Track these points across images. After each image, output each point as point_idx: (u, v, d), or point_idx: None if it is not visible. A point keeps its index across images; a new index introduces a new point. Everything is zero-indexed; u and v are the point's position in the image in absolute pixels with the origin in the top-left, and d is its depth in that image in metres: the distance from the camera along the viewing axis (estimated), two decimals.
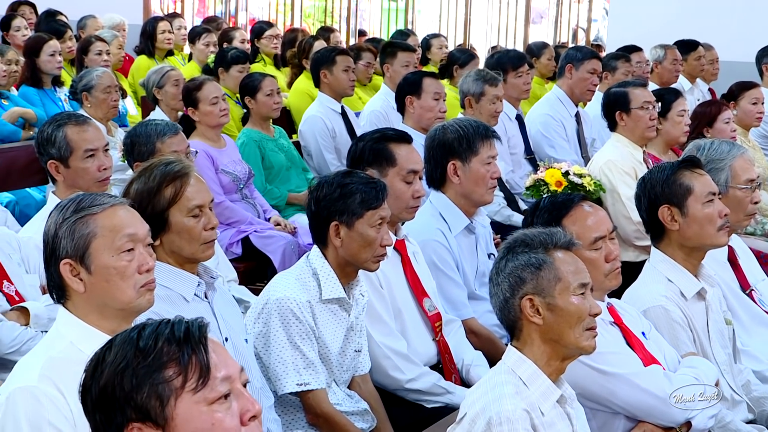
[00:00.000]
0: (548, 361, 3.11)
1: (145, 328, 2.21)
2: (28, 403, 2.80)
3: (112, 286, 3.00)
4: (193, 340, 2.18)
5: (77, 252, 2.99)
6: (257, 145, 7.19)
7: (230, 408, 2.20)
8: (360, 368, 4.24)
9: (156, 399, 2.14)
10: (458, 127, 4.99)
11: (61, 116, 4.91)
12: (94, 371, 2.19)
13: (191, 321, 2.22)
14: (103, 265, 2.99)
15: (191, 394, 2.16)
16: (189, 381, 2.16)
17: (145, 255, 3.05)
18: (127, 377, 2.14)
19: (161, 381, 2.14)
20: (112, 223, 3.01)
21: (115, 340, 2.22)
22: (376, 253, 4.03)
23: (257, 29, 11.52)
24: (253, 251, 6.49)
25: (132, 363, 2.15)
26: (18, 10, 11.46)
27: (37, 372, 2.86)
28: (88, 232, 2.99)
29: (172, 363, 2.16)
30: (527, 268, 3.11)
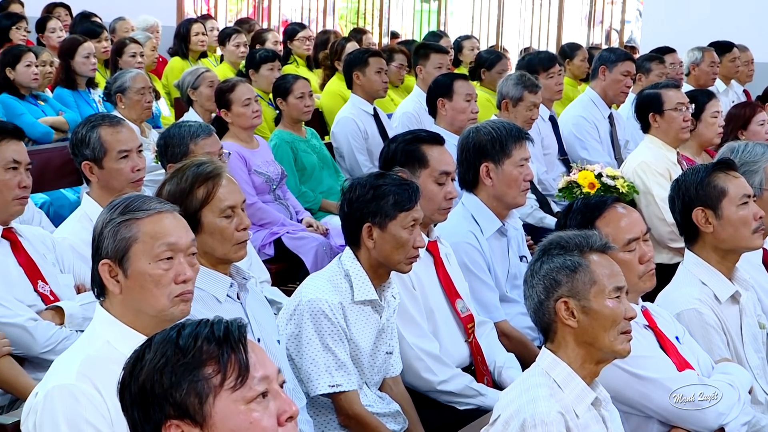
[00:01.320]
0: (582, 363, 3.09)
1: (185, 328, 2.21)
2: (66, 401, 2.81)
3: (146, 292, 3.01)
4: (233, 340, 2.19)
5: (117, 254, 3.01)
6: (290, 146, 7.20)
7: (267, 408, 2.20)
8: (391, 370, 4.24)
9: (195, 396, 2.15)
10: (491, 128, 4.98)
11: (95, 117, 4.93)
12: (133, 368, 2.20)
13: (231, 321, 2.23)
14: (139, 270, 3.00)
15: (230, 393, 2.17)
16: (228, 379, 2.16)
17: (183, 265, 3.04)
18: (167, 374, 2.15)
19: (200, 378, 2.15)
20: (154, 229, 3.01)
21: (154, 339, 2.23)
22: (408, 255, 4.03)
23: (290, 31, 11.55)
24: (286, 252, 6.50)
25: (171, 360, 2.16)
26: (53, 12, 11.54)
27: (75, 370, 2.87)
28: (129, 236, 3.00)
29: (212, 361, 2.16)
30: (562, 270, 3.10)
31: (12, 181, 4.20)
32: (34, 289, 4.22)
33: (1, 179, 4.18)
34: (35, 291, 4.22)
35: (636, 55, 10.03)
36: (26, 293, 4.19)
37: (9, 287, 4.13)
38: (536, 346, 4.73)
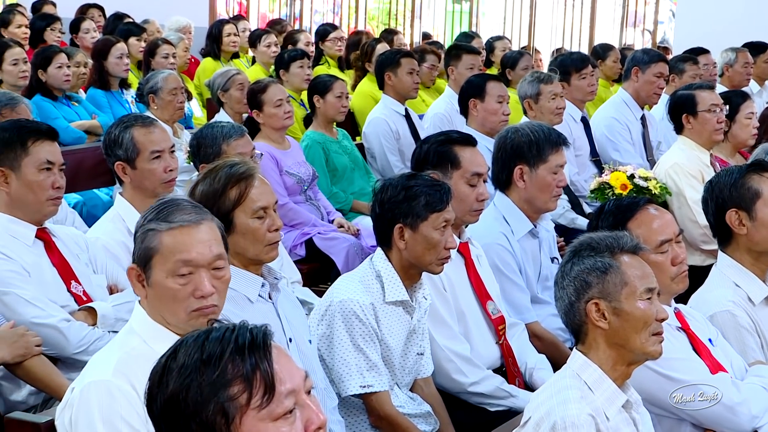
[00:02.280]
0: (614, 365, 3.08)
1: (210, 336, 2.18)
2: (101, 397, 2.83)
3: (164, 304, 3.03)
4: (258, 353, 2.15)
5: (141, 261, 3.04)
6: (321, 147, 7.21)
7: (294, 423, 2.16)
8: (422, 371, 4.24)
9: (221, 416, 2.12)
10: (530, 131, 4.96)
11: (128, 118, 4.95)
12: (159, 380, 2.18)
13: (255, 331, 2.19)
14: (157, 282, 3.03)
15: (256, 411, 2.13)
16: (254, 398, 2.13)
17: (203, 281, 3.03)
18: (192, 392, 2.12)
19: (227, 399, 2.12)
20: (173, 243, 3.02)
21: (179, 347, 2.20)
22: (440, 256, 4.03)
23: (321, 31, 11.57)
24: (317, 253, 6.51)
25: (197, 377, 2.13)
26: (87, 13, 11.61)
27: (111, 367, 2.89)
28: (152, 246, 3.02)
29: (238, 380, 2.12)
30: (593, 272, 3.09)
31: (46, 182, 4.22)
32: (67, 289, 4.24)
33: (35, 180, 4.21)
34: (68, 291, 4.24)
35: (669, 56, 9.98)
36: (59, 294, 4.21)
37: (43, 287, 4.16)
38: (568, 347, 4.72)
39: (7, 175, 4.21)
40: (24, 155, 4.20)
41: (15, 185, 4.21)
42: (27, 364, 3.90)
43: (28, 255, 4.19)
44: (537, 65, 12.67)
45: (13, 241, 4.18)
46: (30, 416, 3.40)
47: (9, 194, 4.22)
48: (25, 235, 4.22)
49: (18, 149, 4.20)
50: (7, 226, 4.20)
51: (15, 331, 3.91)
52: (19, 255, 4.16)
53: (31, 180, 4.20)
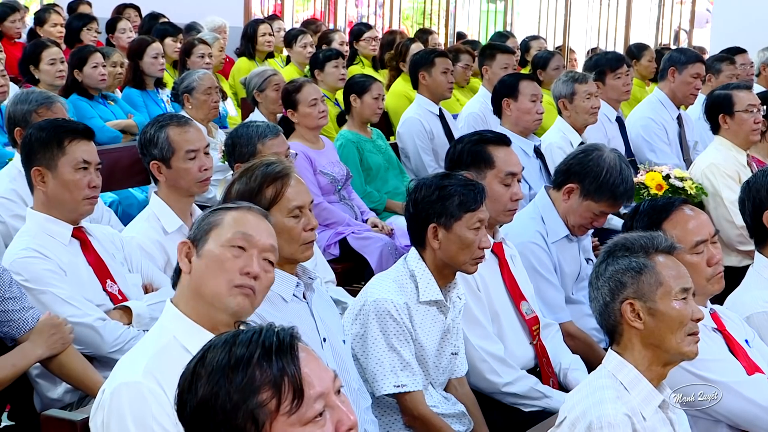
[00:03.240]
0: (649, 366, 3.07)
1: (237, 340, 2.18)
2: (132, 399, 2.84)
3: (209, 273, 3.04)
4: (285, 358, 2.15)
5: (197, 235, 3.08)
6: (355, 146, 7.21)
7: (325, 426, 2.17)
8: (456, 371, 4.23)
9: (251, 423, 2.12)
10: (608, 168, 4.83)
11: (163, 117, 4.98)
12: (189, 386, 2.18)
13: (282, 334, 2.19)
14: (209, 250, 3.05)
15: (286, 417, 2.13)
16: (283, 404, 2.13)
17: (253, 260, 3.07)
18: (222, 399, 2.13)
19: (256, 406, 2.12)
20: (237, 218, 3.09)
21: (207, 352, 2.20)
22: (474, 256, 4.02)
23: (356, 31, 11.58)
24: (351, 252, 6.51)
25: (226, 384, 2.13)
26: (123, 13, 11.67)
27: (141, 367, 2.90)
28: (213, 221, 3.09)
29: (266, 386, 2.13)
30: (628, 272, 3.08)
31: (82, 181, 4.25)
32: (102, 288, 4.27)
33: (72, 179, 4.23)
34: (104, 290, 4.27)
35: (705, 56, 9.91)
36: (95, 292, 4.23)
37: (79, 286, 4.18)
38: (602, 348, 4.70)
39: (44, 175, 4.23)
40: (60, 155, 4.23)
41: (52, 184, 4.23)
42: (63, 360, 3.92)
43: (64, 254, 4.21)
44: (572, 65, 12.65)
45: (49, 240, 4.21)
46: (66, 414, 3.42)
47: (46, 193, 4.25)
48: (61, 234, 4.24)
49: (55, 149, 4.23)
50: (44, 225, 4.23)
51: (51, 322, 3.93)
52: (56, 254, 4.18)
53: (67, 179, 4.23)
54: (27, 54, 8.07)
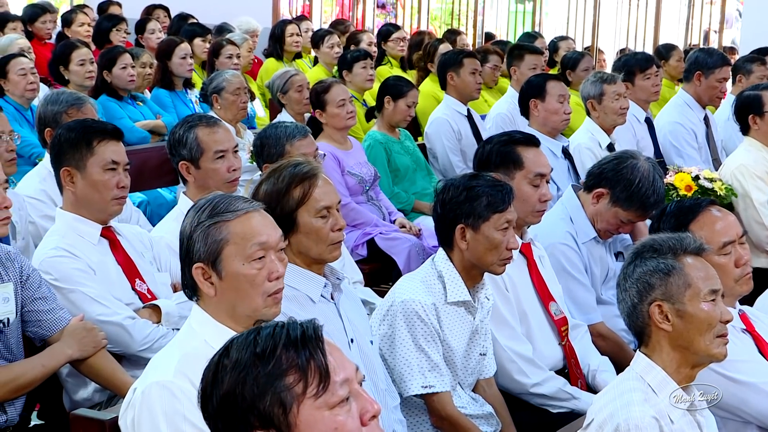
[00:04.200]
0: (678, 368, 3.06)
1: (261, 332, 2.21)
2: (164, 398, 2.85)
3: (241, 293, 3.04)
4: (311, 344, 2.18)
5: (209, 257, 3.03)
6: (383, 147, 7.21)
7: (350, 410, 2.19)
8: (484, 372, 4.23)
9: (279, 407, 2.15)
10: (641, 178, 4.82)
11: (192, 118, 4.99)
12: (214, 378, 2.20)
13: (306, 324, 2.22)
14: (233, 272, 3.03)
15: (313, 400, 2.16)
16: (310, 387, 2.16)
17: (275, 262, 3.08)
18: (249, 385, 2.15)
19: (283, 389, 2.15)
20: (244, 230, 3.04)
21: (231, 345, 2.23)
22: (502, 257, 4.02)
23: (384, 32, 11.58)
24: (378, 253, 6.52)
25: (252, 371, 2.16)
26: (152, 14, 11.71)
27: (173, 367, 2.91)
28: (221, 239, 3.03)
29: (292, 369, 2.16)
30: (656, 273, 3.06)
31: (111, 182, 4.27)
32: (131, 287, 4.28)
33: (100, 179, 4.25)
34: (133, 289, 4.28)
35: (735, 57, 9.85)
36: (124, 292, 4.25)
37: (108, 285, 4.20)
38: (632, 349, 4.68)
39: (72, 175, 4.26)
40: (89, 155, 4.25)
41: (80, 185, 4.26)
42: (92, 361, 3.94)
43: (93, 253, 4.24)
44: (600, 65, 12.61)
45: (79, 240, 4.23)
46: (95, 413, 3.44)
47: (75, 193, 4.27)
48: (90, 234, 4.27)
49: (83, 149, 4.25)
50: (73, 225, 4.26)
51: (84, 326, 3.96)
52: (85, 253, 4.21)
53: (96, 180, 4.25)
54: (57, 55, 8.12)
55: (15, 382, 3.79)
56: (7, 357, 3.88)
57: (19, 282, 3.90)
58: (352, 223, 6.48)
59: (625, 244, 5.19)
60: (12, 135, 5.29)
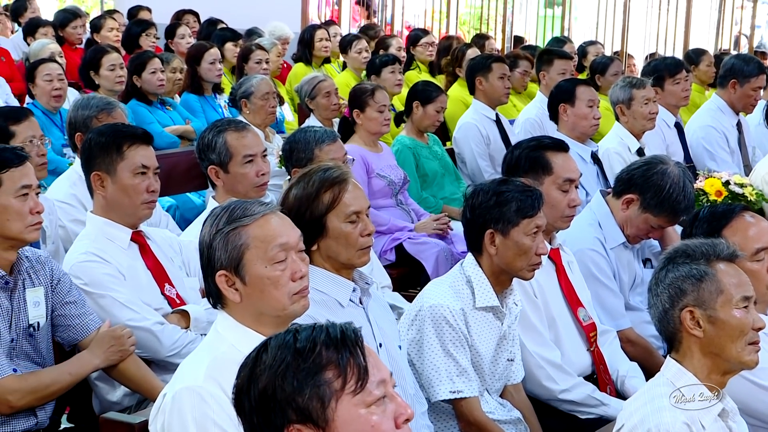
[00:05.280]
0: (708, 374, 3.04)
1: (300, 332, 2.23)
2: (194, 403, 2.86)
3: (266, 295, 3.05)
4: (350, 343, 2.21)
5: (232, 263, 3.04)
6: (412, 152, 7.21)
7: (386, 411, 2.22)
8: (513, 377, 4.22)
9: (317, 401, 2.17)
10: (671, 184, 4.79)
11: (221, 122, 5.01)
12: (251, 374, 2.22)
13: (345, 325, 2.25)
14: (257, 275, 3.04)
15: (350, 397, 2.19)
16: (348, 383, 2.19)
17: (297, 262, 3.09)
18: (288, 379, 2.18)
19: (322, 383, 2.18)
20: (263, 233, 3.05)
21: (269, 343, 2.25)
22: (531, 262, 4.01)
23: (413, 37, 11.59)
24: (406, 258, 6.51)
25: (292, 365, 2.18)
26: (182, 19, 11.76)
27: (202, 372, 2.92)
28: (241, 244, 3.03)
29: (332, 365, 2.19)
30: (688, 279, 3.05)
31: (141, 186, 4.28)
32: (161, 292, 4.30)
33: (130, 183, 4.27)
34: (162, 294, 4.30)
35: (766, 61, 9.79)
36: (153, 296, 4.27)
37: (137, 290, 4.22)
38: (662, 354, 4.66)
39: (103, 179, 4.28)
40: (120, 160, 4.27)
41: (111, 189, 4.27)
42: (122, 365, 3.96)
43: (123, 258, 4.25)
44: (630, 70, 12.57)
45: (109, 244, 4.25)
46: (124, 416, 3.45)
47: (105, 197, 4.29)
48: (120, 238, 4.28)
49: (114, 154, 4.27)
50: (104, 229, 4.27)
51: (112, 334, 3.97)
52: (115, 258, 4.23)
53: (126, 184, 4.26)
54: (87, 60, 8.16)
55: (43, 390, 3.82)
56: (37, 361, 3.90)
57: (50, 286, 3.93)
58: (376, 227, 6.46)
59: (654, 251, 5.17)
60: (43, 140, 5.33)
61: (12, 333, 3.82)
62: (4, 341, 3.79)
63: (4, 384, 3.73)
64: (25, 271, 3.88)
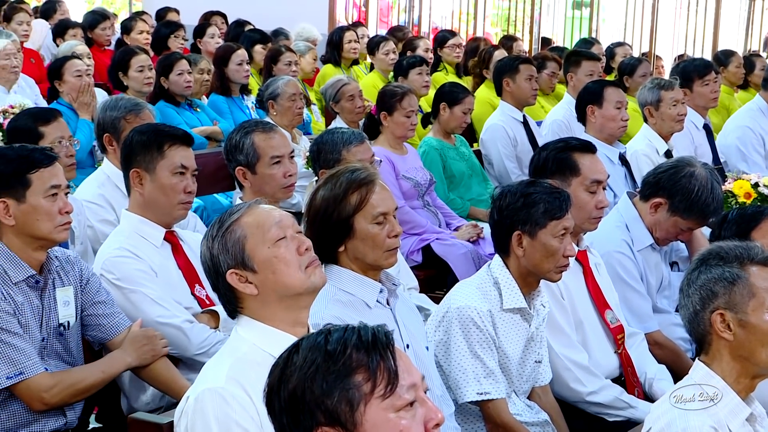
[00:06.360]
0: (737, 378, 3.02)
1: (332, 333, 2.23)
2: (216, 404, 2.86)
3: (279, 275, 3.03)
4: (381, 347, 2.20)
5: (237, 259, 3.03)
6: (438, 153, 7.21)
7: (415, 416, 2.21)
8: (540, 379, 4.21)
9: (346, 404, 2.17)
10: (699, 187, 4.77)
11: (248, 124, 5.03)
12: (281, 374, 2.22)
13: (377, 327, 2.24)
14: (264, 259, 3.03)
15: (380, 401, 2.18)
16: (378, 387, 2.18)
17: (299, 237, 3.09)
18: (318, 381, 2.17)
19: (351, 386, 2.17)
20: (255, 219, 3.06)
21: (301, 344, 2.25)
22: (558, 264, 4.00)
23: (440, 38, 11.59)
24: (433, 259, 6.51)
25: (322, 367, 2.18)
26: (210, 20, 11.80)
27: (224, 373, 2.92)
28: (238, 237, 3.04)
29: (362, 369, 2.18)
30: (720, 281, 3.02)
31: (178, 186, 4.31)
32: (191, 292, 4.32)
33: (168, 183, 4.30)
34: (192, 294, 4.32)
35: None
36: (184, 296, 4.29)
37: (168, 288, 4.24)
38: (690, 357, 4.64)
39: (142, 177, 4.31)
40: (160, 158, 4.30)
41: (149, 187, 4.31)
42: (151, 366, 3.98)
43: (156, 256, 4.28)
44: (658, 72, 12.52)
45: (142, 242, 4.28)
46: (152, 416, 3.46)
47: (142, 195, 4.32)
48: (154, 237, 4.31)
49: (154, 152, 4.30)
50: (138, 227, 4.31)
51: (144, 333, 3.99)
52: (148, 255, 4.26)
53: (164, 183, 4.30)
54: (116, 61, 8.20)
55: (75, 386, 3.83)
56: (67, 360, 3.93)
57: (79, 286, 3.96)
58: (405, 227, 6.47)
59: (680, 255, 5.15)
60: (72, 140, 5.35)
61: (43, 332, 3.85)
62: (35, 340, 3.82)
63: (38, 381, 3.75)
64: (54, 270, 3.90)
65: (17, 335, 3.73)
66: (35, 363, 3.75)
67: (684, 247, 5.17)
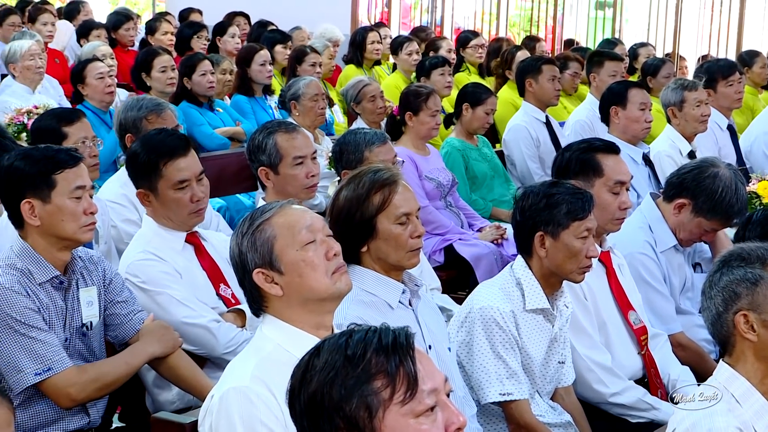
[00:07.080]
0: (762, 379, 3.00)
1: (353, 335, 2.22)
2: (241, 403, 2.87)
3: (305, 279, 3.03)
4: (401, 351, 2.19)
5: (264, 258, 3.04)
6: (461, 154, 7.21)
7: (436, 421, 2.19)
8: (563, 380, 4.20)
9: (365, 410, 2.16)
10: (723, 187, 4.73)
11: (271, 124, 5.03)
12: (302, 377, 2.22)
13: (398, 330, 2.23)
14: (291, 261, 3.03)
15: (399, 407, 2.16)
16: (397, 393, 2.16)
17: (328, 241, 3.09)
18: (337, 387, 2.16)
19: (370, 393, 2.16)
20: (287, 220, 3.06)
21: (323, 346, 2.24)
22: (581, 265, 3.99)
23: (463, 39, 11.58)
24: (455, 260, 6.50)
25: (341, 372, 2.17)
26: (233, 21, 11.82)
27: (249, 373, 2.93)
28: (267, 236, 3.04)
29: (381, 374, 2.16)
30: (743, 283, 3.01)
31: (183, 199, 4.30)
32: (216, 292, 4.33)
33: (173, 198, 4.29)
34: (217, 294, 4.33)
35: None
36: (209, 296, 4.30)
37: (193, 289, 4.25)
38: (713, 359, 4.62)
39: (148, 195, 4.33)
40: (158, 178, 4.29)
41: (156, 204, 4.33)
42: (172, 363, 3.98)
43: (179, 258, 4.30)
44: (682, 72, 12.46)
45: (165, 244, 4.29)
46: (175, 416, 3.47)
47: (154, 211, 4.34)
48: (174, 242, 4.33)
49: (152, 174, 4.29)
50: (158, 231, 4.32)
51: (160, 324, 4.01)
52: (171, 258, 4.27)
53: (169, 199, 4.30)
54: (139, 61, 8.23)
55: (100, 380, 3.83)
56: (89, 360, 3.93)
57: (103, 286, 3.97)
58: (429, 227, 6.46)
59: (703, 256, 5.13)
60: (95, 141, 5.37)
61: (66, 332, 3.86)
62: (59, 339, 3.82)
63: (66, 376, 3.75)
64: (78, 271, 3.91)
65: (43, 331, 3.73)
66: (63, 358, 3.76)
67: (707, 249, 5.15)
